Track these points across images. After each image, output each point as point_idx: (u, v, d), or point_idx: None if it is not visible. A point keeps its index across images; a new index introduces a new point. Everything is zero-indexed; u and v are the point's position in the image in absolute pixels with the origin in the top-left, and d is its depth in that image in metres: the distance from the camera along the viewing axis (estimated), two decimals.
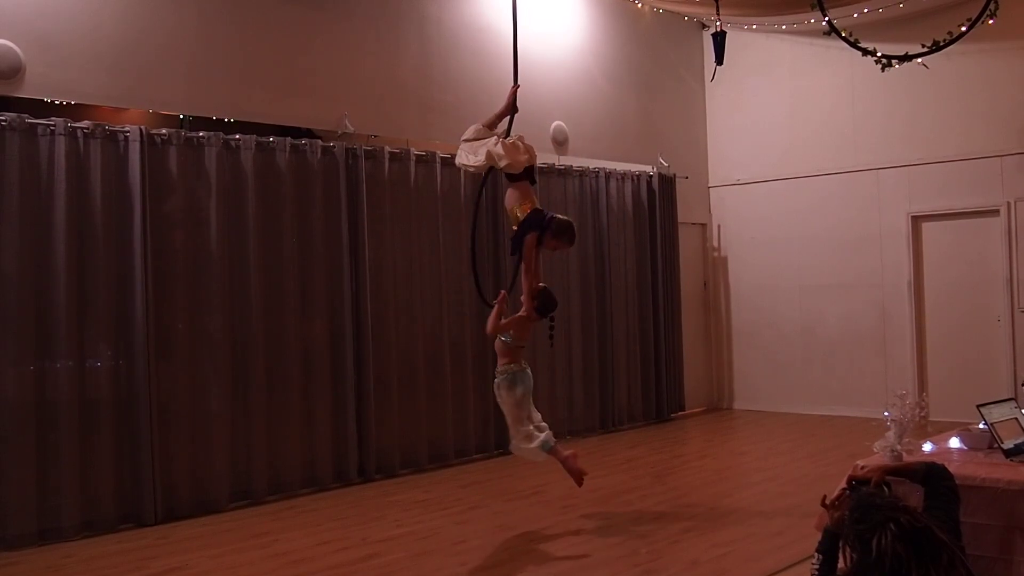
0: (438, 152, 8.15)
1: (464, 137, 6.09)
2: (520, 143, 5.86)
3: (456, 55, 8.47)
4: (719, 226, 11.22)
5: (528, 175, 5.87)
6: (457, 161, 6.19)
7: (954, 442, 4.33)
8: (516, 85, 6.21)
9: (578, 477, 5.92)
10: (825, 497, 3.04)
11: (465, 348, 8.22)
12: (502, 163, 5.78)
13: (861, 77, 9.68)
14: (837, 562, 2.83)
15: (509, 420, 5.99)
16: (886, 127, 9.86)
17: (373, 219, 7.60)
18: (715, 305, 11.25)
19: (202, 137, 6.73)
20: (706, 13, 9.79)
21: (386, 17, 7.98)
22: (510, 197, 5.89)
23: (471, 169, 6.13)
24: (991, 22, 7.39)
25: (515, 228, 5.81)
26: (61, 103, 6.22)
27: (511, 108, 6.12)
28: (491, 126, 6.06)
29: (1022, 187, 9.04)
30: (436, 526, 6.07)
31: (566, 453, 5.94)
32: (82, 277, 6.11)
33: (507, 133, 6.02)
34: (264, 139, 7.06)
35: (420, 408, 7.88)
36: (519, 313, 5.92)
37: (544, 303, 5.86)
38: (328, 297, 7.38)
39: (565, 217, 5.92)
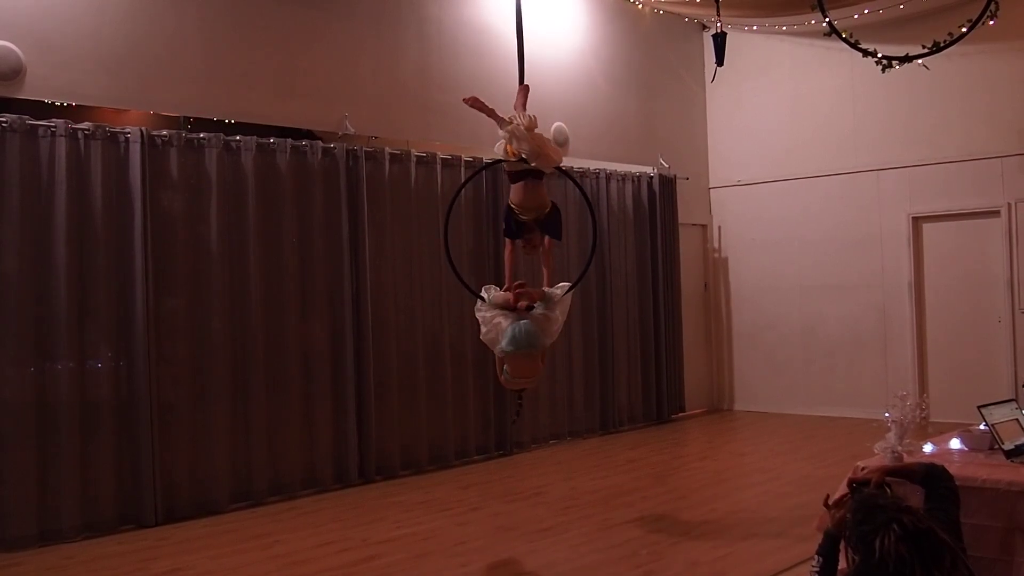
0: (438, 153, 8.15)
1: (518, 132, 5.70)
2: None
3: (456, 56, 8.47)
4: (719, 227, 11.22)
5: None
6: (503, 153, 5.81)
7: (955, 443, 4.33)
8: (525, 85, 6.20)
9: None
10: (828, 497, 3.04)
11: (465, 349, 8.21)
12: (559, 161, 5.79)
13: (861, 78, 9.68)
14: (837, 565, 2.83)
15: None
16: (886, 128, 9.87)
17: (373, 220, 7.60)
18: (715, 306, 11.25)
19: (203, 138, 6.73)
20: (706, 14, 9.79)
21: (386, 18, 7.99)
22: (543, 190, 5.79)
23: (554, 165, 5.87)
24: (991, 23, 7.38)
25: (544, 216, 5.72)
26: (62, 104, 6.22)
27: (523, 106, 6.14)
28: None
29: (1022, 188, 9.04)
30: (436, 527, 6.07)
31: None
32: (83, 278, 6.12)
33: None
34: (264, 140, 7.06)
35: (420, 409, 7.88)
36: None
37: None
38: (328, 298, 7.38)
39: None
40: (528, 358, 5.56)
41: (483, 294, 5.88)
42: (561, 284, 5.92)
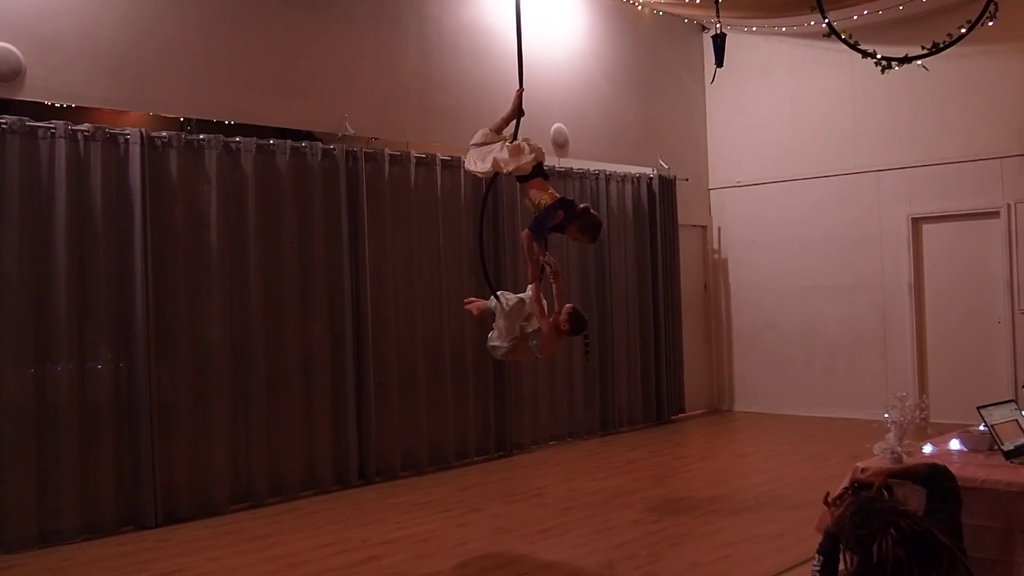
0: (438, 154, 8.16)
1: (473, 142, 5.99)
2: (526, 144, 5.83)
3: (456, 57, 8.48)
4: (719, 228, 11.22)
5: (539, 173, 5.82)
6: (466, 166, 6.09)
7: (954, 444, 4.34)
8: (520, 88, 6.16)
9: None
10: (828, 495, 3.04)
11: (465, 350, 8.22)
12: (508, 168, 5.75)
13: (861, 79, 9.69)
14: (838, 564, 2.83)
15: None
16: (886, 129, 9.87)
17: (373, 221, 7.60)
18: (715, 307, 11.25)
19: (202, 140, 6.73)
20: (706, 15, 9.80)
21: (386, 19, 7.99)
22: (531, 193, 5.80)
23: (479, 175, 6.05)
24: (991, 24, 7.39)
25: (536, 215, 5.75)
26: (62, 106, 6.23)
27: (517, 112, 6.08)
28: (498, 130, 6.00)
29: (1022, 189, 9.04)
30: (436, 528, 6.07)
31: None
32: (83, 280, 6.12)
33: (514, 136, 5.98)
34: (264, 141, 7.06)
35: (420, 410, 7.88)
36: (545, 327, 5.76)
37: (576, 324, 5.77)
38: (328, 299, 7.38)
39: (595, 213, 5.81)
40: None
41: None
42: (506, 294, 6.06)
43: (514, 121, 6.01)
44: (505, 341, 5.87)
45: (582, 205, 5.77)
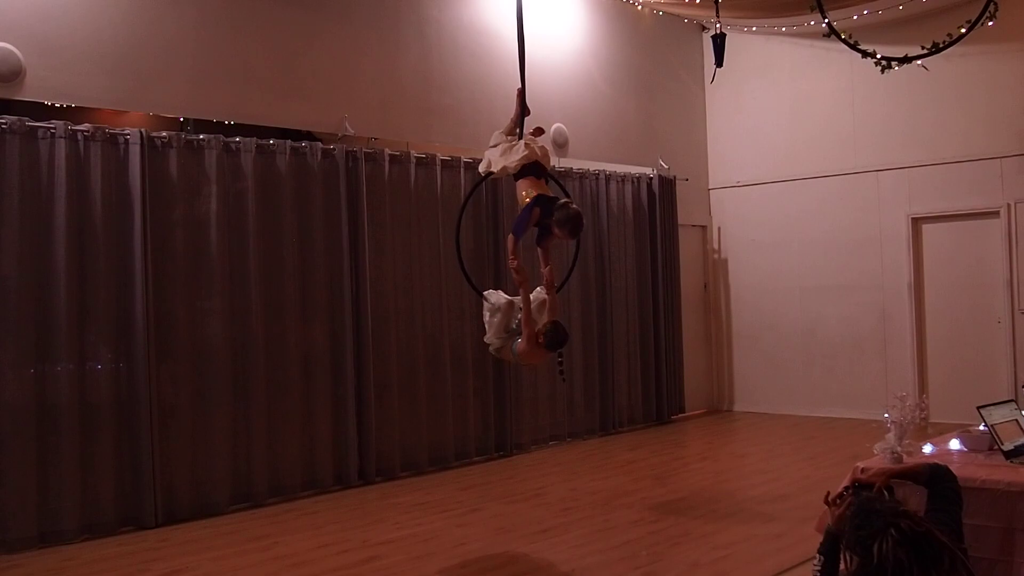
0: (438, 155, 8.16)
1: (489, 144, 6.12)
2: (521, 144, 5.84)
3: (456, 57, 8.48)
4: (719, 228, 11.22)
5: (531, 172, 5.80)
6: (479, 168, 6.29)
7: (954, 444, 4.34)
8: (521, 87, 6.18)
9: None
10: (828, 494, 3.04)
11: (465, 350, 8.22)
12: (496, 167, 5.83)
13: (861, 79, 9.69)
14: (839, 564, 2.82)
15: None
16: (886, 129, 9.87)
17: (373, 222, 7.60)
18: (715, 307, 11.25)
19: (202, 140, 6.73)
20: (706, 15, 9.80)
21: (386, 20, 7.99)
22: (518, 189, 5.86)
23: (480, 174, 6.25)
24: (991, 24, 7.39)
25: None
26: (61, 106, 6.23)
27: (522, 111, 6.10)
28: (510, 132, 6.06)
29: (1022, 189, 9.04)
30: (436, 528, 6.07)
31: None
32: (82, 280, 6.12)
33: (520, 135, 6.00)
34: (264, 142, 7.06)
35: (420, 410, 7.88)
36: (524, 339, 5.69)
37: (552, 339, 5.62)
38: (328, 299, 7.38)
39: (574, 208, 5.57)
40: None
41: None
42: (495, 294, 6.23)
43: (522, 120, 6.06)
44: (495, 339, 5.93)
45: (561, 200, 5.62)
